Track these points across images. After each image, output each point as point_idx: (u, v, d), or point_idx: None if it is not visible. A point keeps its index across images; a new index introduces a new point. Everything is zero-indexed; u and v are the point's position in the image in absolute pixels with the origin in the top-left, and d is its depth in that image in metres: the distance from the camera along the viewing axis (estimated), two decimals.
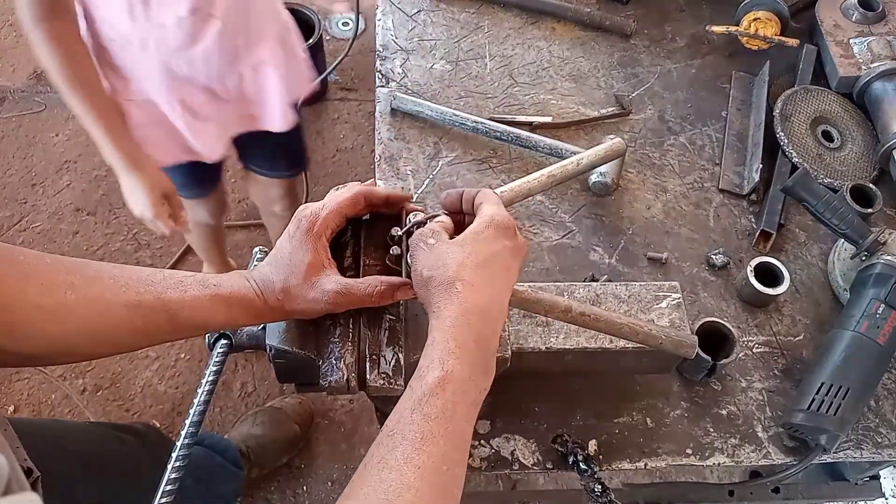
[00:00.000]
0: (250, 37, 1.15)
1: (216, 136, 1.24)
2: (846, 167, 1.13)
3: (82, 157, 2.26)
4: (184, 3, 1.03)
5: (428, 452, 0.51)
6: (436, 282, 0.59)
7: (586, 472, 0.83)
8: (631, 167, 1.13)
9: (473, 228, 0.62)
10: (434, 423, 0.52)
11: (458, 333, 0.56)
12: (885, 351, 0.87)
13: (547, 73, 1.24)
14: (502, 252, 0.61)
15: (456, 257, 0.59)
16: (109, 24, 1.06)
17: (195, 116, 1.18)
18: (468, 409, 0.55)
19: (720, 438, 0.89)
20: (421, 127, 1.14)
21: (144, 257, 2.07)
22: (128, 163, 1.11)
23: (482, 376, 0.57)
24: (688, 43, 1.32)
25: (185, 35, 1.06)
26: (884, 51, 1.18)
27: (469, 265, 0.59)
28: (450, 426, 0.53)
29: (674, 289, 0.83)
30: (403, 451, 0.51)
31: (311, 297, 0.63)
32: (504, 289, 0.61)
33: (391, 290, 0.64)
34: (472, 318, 0.57)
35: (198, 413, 0.67)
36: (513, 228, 0.63)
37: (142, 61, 1.10)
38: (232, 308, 0.63)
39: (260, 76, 1.20)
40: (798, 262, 1.06)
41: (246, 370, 1.91)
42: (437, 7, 1.31)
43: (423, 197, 1.06)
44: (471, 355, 0.56)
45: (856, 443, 0.90)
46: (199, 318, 0.62)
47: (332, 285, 0.63)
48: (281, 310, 0.65)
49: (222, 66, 1.14)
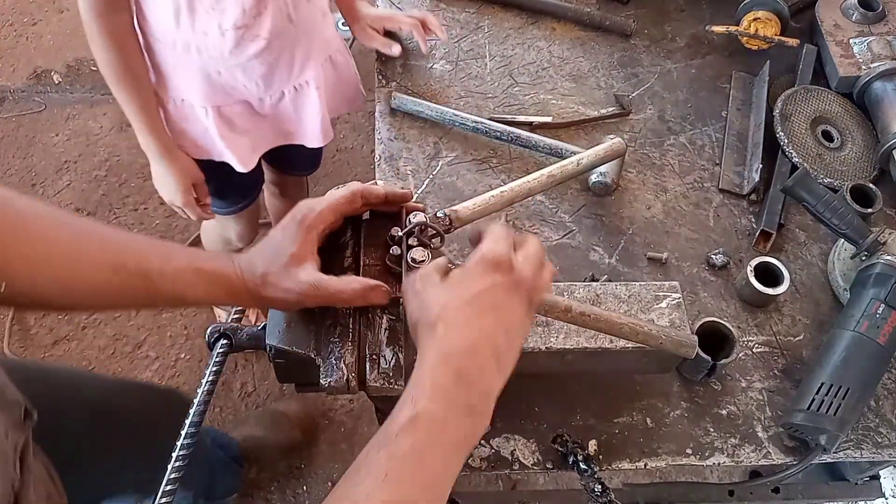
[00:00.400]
0: (295, 59, 1.14)
1: (250, 148, 1.23)
2: (846, 167, 1.13)
3: (82, 157, 2.26)
4: (229, 17, 1.03)
5: (390, 491, 0.49)
6: (420, 325, 0.59)
7: (586, 471, 0.83)
8: (631, 167, 1.13)
9: (464, 266, 0.61)
10: (400, 462, 0.50)
11: (436, 374, 0.54)
12: (885, 351, 0.87)
13: (547, 72, 1.24)
14: (491, 289, 0.58)
15: (439, 299, 0.58)
16: (156, 25, 1.07)
17: (231, 128, 1.18)
18: (444, 450, 0.52)
19: (720, 438, 0.89)
20: (421, 127, 1.14)
21: None
22: (162, 150, 1.16)
23: (464, 417, 0.54)
24: (688, 43, 1.32)
25: (227, 47, 1.06)
26: (884, 51, 1.18)
27: (452, 306, 0.57)
28: (418, 466, 0.50)
29: (674, 289, 0.83)
30: (366, 488, 0.49)
31: (285, 287, 0.64)
32: (495, 326, 0.58)
33: (364, 291, 0.64)
34: (452, 358, 0.55)
35: (198, 413, 0.67)
36: (507, 263, 0.60)
37: (183, 64, 1.10)
38: (212, 285, 0.64)
39: (301, 96, 1.19)
40: (798, 262, 1.06)
41: (246, 370, 1.91)
42: (436, 7, 1.31)
43: (424, 197, 1.06)
44: (447, 395, 0.54)
45: (856, 443, 0.90)
46: (178, 290, 0.64)
47: (306, 277, 0.63)
48: (258, 295, 0.65)
49: (263, 82, 1.14)
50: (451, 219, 0.75)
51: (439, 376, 0.54)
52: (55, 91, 2.42)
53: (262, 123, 1.21)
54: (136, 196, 2.19)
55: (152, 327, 1.95)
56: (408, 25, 1.21)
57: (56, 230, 0.62)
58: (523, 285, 0.60)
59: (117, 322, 1.95)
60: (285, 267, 0.64)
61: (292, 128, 1.25)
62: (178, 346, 1.92)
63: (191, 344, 1.94)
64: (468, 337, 0.56)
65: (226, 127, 1.17)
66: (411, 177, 1.09)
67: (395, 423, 0.52)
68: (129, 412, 1.07)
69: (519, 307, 0.60)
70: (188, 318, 1.98)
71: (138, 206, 2.17)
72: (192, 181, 1.22)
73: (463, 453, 0.54)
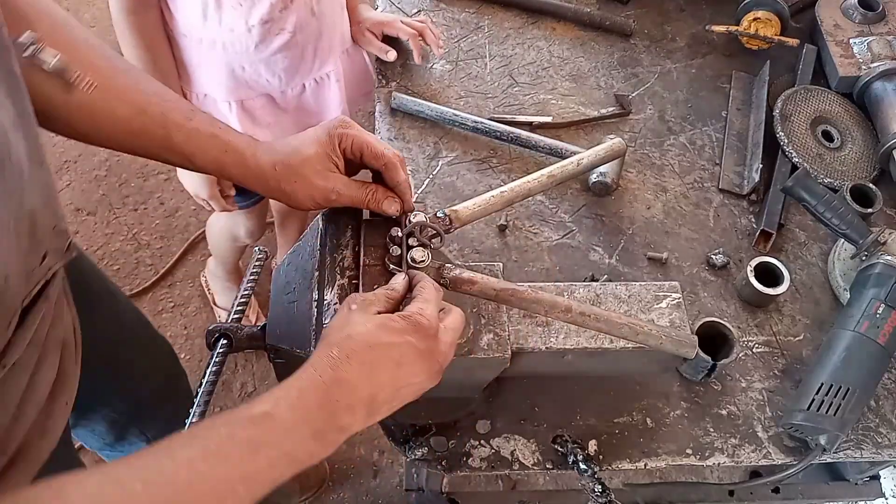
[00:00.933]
0: (317, 52, 1.17)
1: None
2: (846, 167, 1.13)
3: (82, 156, 2.26)
4: (256, 13, 1.06)
5: (211, 465, 0.48)
6: (328, 336, 0.58)
7: (586, 471, 0.83)
8: (631, 167, 1.13)
9: (391, 314, 0.60)
10: (233, 445, 0.50)
11: (308, 390, 0.54)
12: (885, 351, 0.87)
13: (547, 72, 1.24)
14: (404, 346, 0.57)
15: (355, 328, 0.58)
16: (183, 21, 1.09)
17: (253, 121, 1.20)
18: (278, 457, 0.51)
19: (720, 438, 0.89)
20: (421, 127, 1.14)
21: (144, 257, 2.07)
22: None
23: (311, 441, 0.53)
24: (688, 43, 1.32)
25: (253, 42, 1.09)
26: (884, 51, 1.18)
27: (362, 340, 0.57)
28: (247, 457, 0.50)
29: (674, 289, 0.83)
30: (192, 453, 0.48)
31: (313, 183, 0.67)
32: (387, 380, 0.57)
33: (382, 196, 0.69)
34: (330, 385, 0.54)
35: (198, 413, 0.67)
36: (431, 330, 0.59)
37: (208, 59, 1.12)
38: (223, 154, 0.67)
39: (322, 88, 1.22)
40: (798, 262, 1.06)
41: (246, 370, 1.91)
42: (437, 7, 1.31)
43: (424, 197, 1.06)
44: (307, 413, 0.53)
45: (856, 443, 0.90)
46: (190, 148, 0.67)
47: (324, 181, 0.68)
48: (267, 181, 0.68)
49: (285, 76, 1.16)
50: (450, 219, 0.75)
51: (310, 394, 0.54)
52: None
53: (284, 117, 1.23)
54: (136, 196, 2.19)
55: None
56: (406, 35, 1.21)
57: (99, 60, 0.66)
58: (437, 356, 0.60)
59: None
60: (310, 163, 0.67)
61: (313, 121, 1.26)
62: (178, 345, 1.92)
63: (191, 344, 1.94)
64: (356, 376, 0.55)
65: (248, 120, 1.19)
66: (411, 177, 1.09)
67: (249, 410, 0.52)
68: (141, 334, 1.10)
69: (422, 373, 0.59)
70: (188, 318, 1.98)
71: (138, 206, 2.17)
72: None
73: (292, 469, 0.52)
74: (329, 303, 0.69)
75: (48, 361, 0.68)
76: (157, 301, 2.00)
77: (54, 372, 0.70)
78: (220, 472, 0.48)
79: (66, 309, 0.75)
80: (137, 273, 2.04)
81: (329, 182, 0.69)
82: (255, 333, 0.73)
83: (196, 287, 2.03)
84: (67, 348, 0.74)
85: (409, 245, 0.69)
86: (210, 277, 1.96)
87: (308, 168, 0.68)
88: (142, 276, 2.03)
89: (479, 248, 1.02)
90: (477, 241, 1.02)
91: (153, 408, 1.14)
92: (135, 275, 2.03)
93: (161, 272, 2.03)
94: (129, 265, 2.05)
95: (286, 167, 0.68)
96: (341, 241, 0.72)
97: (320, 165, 0.68)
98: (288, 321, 0.71)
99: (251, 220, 1.52)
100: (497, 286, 0.70)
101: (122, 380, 1.04)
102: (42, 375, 0.67)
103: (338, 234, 0.74)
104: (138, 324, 1.12)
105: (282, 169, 0.68)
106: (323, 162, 0.68)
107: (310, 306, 0.71)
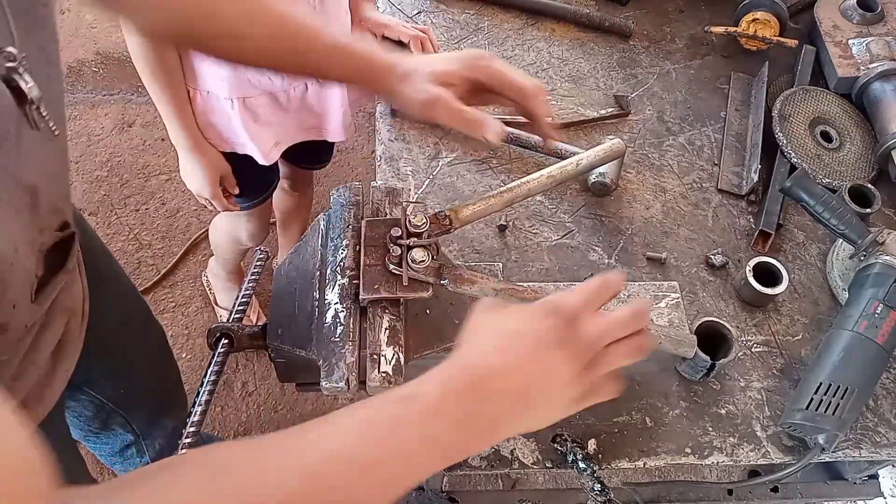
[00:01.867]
0: None
1: (273, 142, 1.25)
2: (845, 167, 1.13)
3: (84, 157, 2.27)
4: None
5: (346, 444, 0.46)
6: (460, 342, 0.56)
7: (585, 470, 0.84)
8: (630, 167, 1.14)
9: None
10: (372, 426, 0.47)
11: (454, 372, 0.51)
12: (883, 350, 0.88)
13: (546, 73, 1.24)
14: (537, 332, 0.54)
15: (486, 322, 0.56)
16: None
17: (255, 119, 1.20)
18: (423, 439, 0.48)
19: (719, 438, 0.90)
20: (421, 127, 1.15)
21: (146, 257, 2.08)
22: (191, 144, 1.19)
23: (455, 428, 0.49)
24: (687, 44, 1.32)
25: None
26: (882, 51, 1.18)
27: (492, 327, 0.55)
28: (388, 436, 0.47)
29: (673, 288, 0.83)
30: (327, 431, 0.46)
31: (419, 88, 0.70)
32: (533, 373, 0.53)
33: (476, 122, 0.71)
34: (477, 370, 0.51)
35: (199, 413, 0.67)
36: (568, 315, 0.55)
37: None
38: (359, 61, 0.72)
39: (324, 88, 1.21)
40: (797, 262, 1.06)
41: (247, 370, 1.91)
42: (437, 8, 1.31)
43: (424, 197, 1.07)
44: (453, 397, 0.50)
45: (854, 442, 0.91)
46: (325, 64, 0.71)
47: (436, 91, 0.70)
48: (392, 86, 0.72)
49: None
50: (450, 219, 0.75)
51: (456, 376, 0.51)
52: None
53: (286, 118, 1.23)
54: (138, 196, 2.19)
55: None
56: (406, 38, 1.21)
57: None
58: (577, 345, 0.54)
59: None
60: (427, 76, 0.70)
61: (315, 122, 1.27)
62: (180, 345, 1.93)
63: (192, 343, 1.94)
64: (500, 361, 0.52)
65: (250, 118, 1.19)
66: (411, 177, 1.09)
67: (388, 396, 0.50)
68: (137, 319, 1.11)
69: (562, 366, 0.53)
70: (189, 318, 1.99)
71: (140, 207, 2.17)
72: (220, 174, 1.25)
73: (441, 457, 0.49)
74: (329, 302, 0.70)
75: (53, 326, 0.69)
76: (159, 301, 2.01)
77: (57, 337, 0.70)
78: (357, 450, 0.46)
79: (77, 277, 0.76)
80: (139, 273, 2.04)
81: (436, 90, 0.71)
82: (255, 333, 0.73)
83: (197, 287, 2.03)
84: (75, 316, 0.74)
85: (409, 246, 0.70)
86: (211, 277, 1.96)
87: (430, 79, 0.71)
88: (143, 276, 2.04)
89: (478, 248, 1.02)
90: (477, 242, 1.03)
91: (140, 397, 1.14)
92: (136, 275, 2.04)
93: (162, 272, 2.04)
94: (130, 265, 2.06)
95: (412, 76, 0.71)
96: (342, 242, 0.72)
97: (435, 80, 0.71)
98: (289, 321, 0.72)
99: (253, 223, 1.52)
100: (497, 286, 0.70)
101: (115, 363, 1.04)
102: (45, 339, 0.67)
103: (338, 234, 0.74)
104: (138, 311, 1.12)
105: (411, 77, 0.71)
106: (445, 80, 0.71)
107: (311, 306, 0.71)
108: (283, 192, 1.69)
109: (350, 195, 0.80)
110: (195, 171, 1.23)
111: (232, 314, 0.79)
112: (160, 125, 1.92)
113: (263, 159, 1.25)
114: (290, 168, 1.59)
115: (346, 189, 0.81)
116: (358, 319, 0.69)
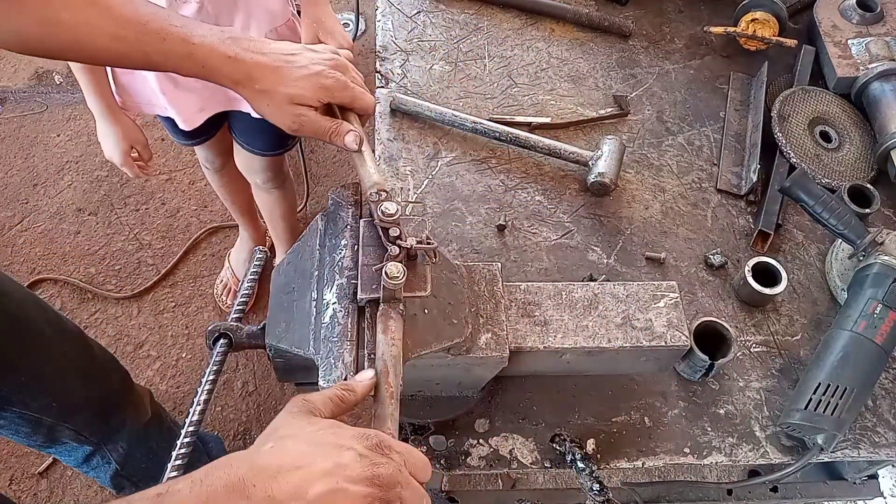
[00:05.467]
0: (234, 26, 1.17)
1: (196, 107, 1.29)
2: (844, 168, 1.13)
3: (83, 157, 2.27)
4: None
5: None
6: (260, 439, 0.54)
7: (584, 470, 0.84)
8: (629, 167, 1.14)
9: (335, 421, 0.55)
10: None
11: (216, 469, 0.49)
12: (882, 350, 0.88)
13: (546, 73, 1.24)
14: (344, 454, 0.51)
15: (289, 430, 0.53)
16: None
17: (175, 85, 1.22)
18: None
19: (718, 438, 0.90)
20: (420, 127, 1.15)
21: (146, 257, 2.08)
22: (106, 110, 1.26)
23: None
24: (686, 44, 1.32)
25: (161, 3, 1.07)
26: (882, 51, 1.18)
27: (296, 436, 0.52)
28: None
29: (672, 288, 0.83)
30: None
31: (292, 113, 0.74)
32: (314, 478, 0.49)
33: (335, 131, 0.76)
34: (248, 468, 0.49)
35: (198, 412, 0.67)
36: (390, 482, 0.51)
37: None
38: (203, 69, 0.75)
39: None
40: (796, 262, 1.06)
41: (247, 369, 1.92)
42: (436, 8, 1.31)
43: (423, 197, 1.07)
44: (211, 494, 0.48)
45: (853, 442, 0.91)
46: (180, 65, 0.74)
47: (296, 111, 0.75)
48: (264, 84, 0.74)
49: None
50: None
51: (218, 473, 0.49)
52: (56, 91, 2.42)
53: (208, 84, 1.22)
54: (138, 196, 2.19)
55: (154, 327, 1.96)
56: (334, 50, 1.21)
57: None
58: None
59: (119, 322, 1.96)
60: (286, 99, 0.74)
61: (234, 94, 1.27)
62: (180, 345, 1.93)
63: (192, 343, 1.94)
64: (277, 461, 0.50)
65: (169, 83, 1.22)
66: (411, 177, 1.09)
67: (152, 489, 0.49)
68: (42, 331, 1.08)
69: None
70: (189, 318, 1.99)
71: (139, 207, 2.18)
72: (133, 143, 1.32)
73: None
74: (328, 302, 0.70)
75: None
76: (159, 301, 2.01)
77: None
78: None
79: None
80: (139, 273, 2.05)
81: (299, 114, 0.75)
82: (254, 333, 0.73)
83: (197, 287, 2.03)
84: None
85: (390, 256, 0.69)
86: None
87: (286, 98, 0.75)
88: (143, 276, 2.04)
89: (477, 248, 1.02)
90: (476, 241, 1.03)
91: (78, 405, 1.13)
92: (136, 275, 2.04)
93: (162, 272, 2.04)
94: (130, 265, 2.06)
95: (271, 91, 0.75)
96: (340, 242, 0.72)
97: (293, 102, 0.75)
98: (287, 321, 0.72)
99: (202, 152, 1.59)
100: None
101: (23, 378, 1.02)
102: None
103: (337, 234, 0.74)
104: (40, 323, 1.09)
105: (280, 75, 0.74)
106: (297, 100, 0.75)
107: (309, 306, 0.71)
108: (260, 190, 1.68)
109: (348, 195, 0.80)
110: (107, 138, 1.29)
111: (231, 314, 0.79)
112: (160, 125, 1.92)
113: (184, 124, 1.29)
114: (248, 152, 1.53)
115: (344, 189, 0.81)
116: (356, 319, 0.69)
